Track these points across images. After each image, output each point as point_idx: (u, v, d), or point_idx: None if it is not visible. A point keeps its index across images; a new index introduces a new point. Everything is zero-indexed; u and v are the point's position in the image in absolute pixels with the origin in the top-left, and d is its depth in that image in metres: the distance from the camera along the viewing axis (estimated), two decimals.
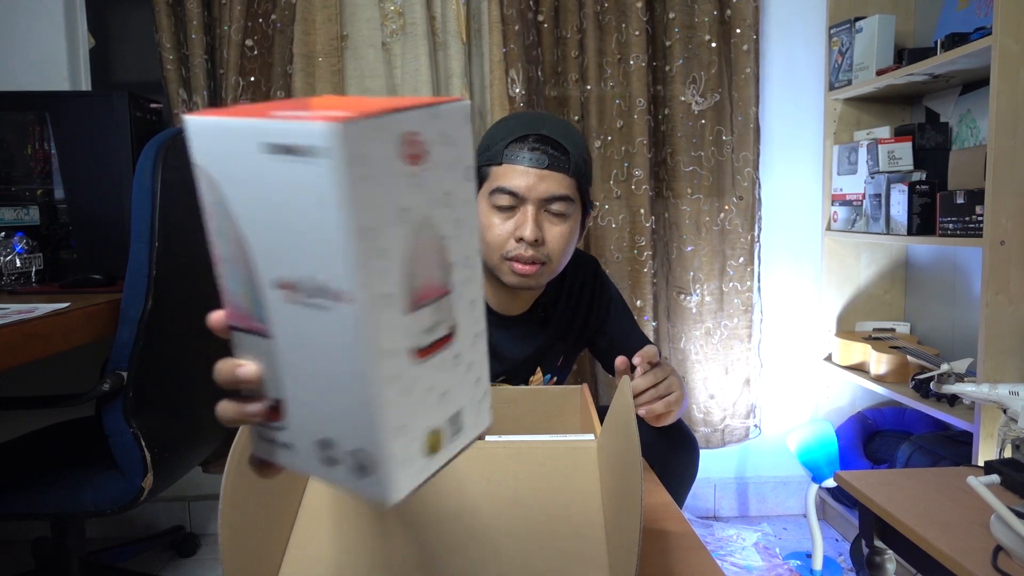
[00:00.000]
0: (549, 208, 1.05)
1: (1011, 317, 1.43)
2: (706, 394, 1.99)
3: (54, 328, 1.17)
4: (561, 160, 1.04)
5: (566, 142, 1.05)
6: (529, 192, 1.03)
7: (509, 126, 1.08)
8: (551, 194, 1.04)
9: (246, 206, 0.37)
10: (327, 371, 0.37)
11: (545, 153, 1.03)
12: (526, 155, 1.03)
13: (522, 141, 1.04)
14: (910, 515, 1.02)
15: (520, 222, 1.04)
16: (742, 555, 1.77)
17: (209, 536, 2.01)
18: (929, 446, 1.63)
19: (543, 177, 1.03)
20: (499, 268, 1.08)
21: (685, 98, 1.91)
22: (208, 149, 0.38)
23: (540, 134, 1.04)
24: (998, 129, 1.40)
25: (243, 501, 0.62)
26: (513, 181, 1.03)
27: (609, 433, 0.74)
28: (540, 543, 0.67)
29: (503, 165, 1.04)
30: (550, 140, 1.04)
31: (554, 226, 1.06)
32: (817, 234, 2.06)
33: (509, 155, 1.04)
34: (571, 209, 1.07)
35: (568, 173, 1.05)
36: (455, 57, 1.85)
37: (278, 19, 1.82)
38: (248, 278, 0.39)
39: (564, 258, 1.09)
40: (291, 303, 0.37)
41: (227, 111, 0.37)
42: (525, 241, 1.04)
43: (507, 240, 1.06)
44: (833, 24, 1.94)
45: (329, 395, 0.38)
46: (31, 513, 1.30)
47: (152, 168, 1.24)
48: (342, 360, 0.36)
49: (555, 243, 1.06)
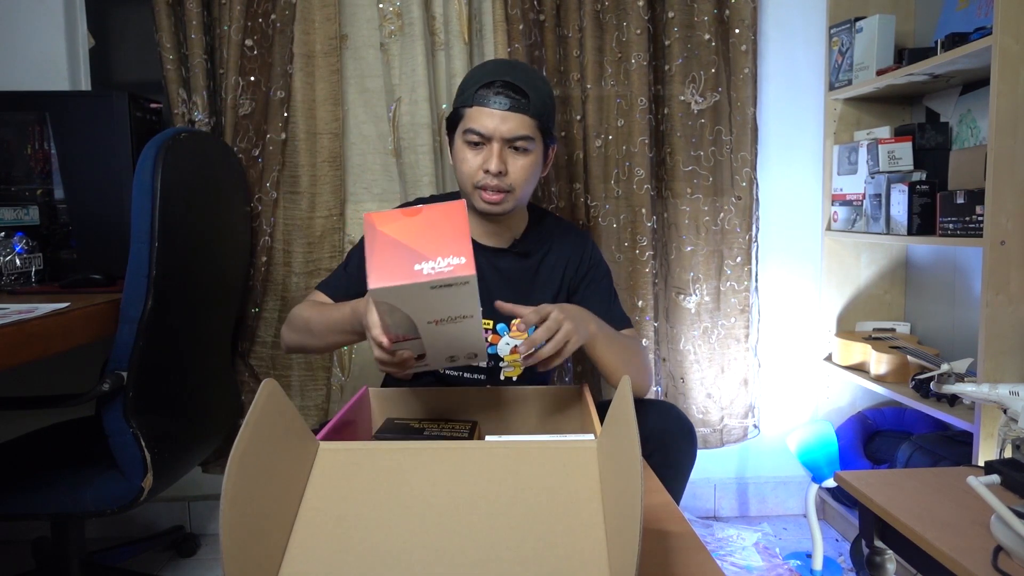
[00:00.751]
0: (513, 144, 1.23)
1: (1011, 317, 1.43)
2: (704, 394, 1.99)
3: (54, 328, 1.17)
4: (523, 103, 1.21)
5: (528, 87, 1.22)
6: (494, 132, 1.21)
7: (482, 72, 1.25)
8: (514, 134, 1.21)
9: (417, 307, 0.86)
10: (455, 338, 0.95)
11: (508, 97, 1.20)
12: (492, 99, 1.20)
13: (489, 87, 1.21)
14: (910, 515, 1.02)
15: (487, 157, 1.22)
16: (742, 555, 1.77)
17: (209, 536, 2.01)
18: (929, 446, 1.63)
19: (506, 119, 1.21)
20: (472, 196, 1.26)
21: (684, 97, 1.91)
22: (392, 296, 0.83)
23: (505, 80, 1.21)
24: (998, 129, 1.40)
25: (244, 501, 0.62)
26: (481, 122, 1.21)
27: (609, 433, 0.74)
28: (540, 543, 0.67)
29: (474, 107, 1.22)
30: (513, 86, 1.21)
31: (517, 160, 1.24)
32: (817, 234, 2.06)
33: (478, 99, 1.21)
34: (532, 145, 1.24)
35: (529, 114, 1.22)
36: (458, 57, 1.85)
37: (278, 19, 1.81)
38: (412, 324, 0.90)
39: (527, 186, 1.27)
40: (435, 324, 0.90)
41: (390, 273, 0.82)
42: (491, 173, 1.21)
43: (477, 172, 1.23)
44: (833, 24, 1.94)
45: (455, 344, 0.97)
46: (31, 513, 1.30)
47: (152, 168, 1.24)
48: (466, 334, 0.94)
49: (517, 174, 1.24)
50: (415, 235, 0.84)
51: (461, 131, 1.24)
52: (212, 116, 1.81)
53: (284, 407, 0.73)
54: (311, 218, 1.90)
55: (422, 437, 1.04)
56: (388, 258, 0.82)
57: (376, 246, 0.83)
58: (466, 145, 1.24)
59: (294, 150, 1.88)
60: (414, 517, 0.70)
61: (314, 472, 0.75)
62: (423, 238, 0.83)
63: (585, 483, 0.72)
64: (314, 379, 1.93)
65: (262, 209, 1.84)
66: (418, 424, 1.10)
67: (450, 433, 1.06)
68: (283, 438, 0.71)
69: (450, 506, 0.71)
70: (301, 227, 1.89)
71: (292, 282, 1.90)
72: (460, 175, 1.27)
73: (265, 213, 1.84)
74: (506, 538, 0.68)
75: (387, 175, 1.96)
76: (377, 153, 1.95)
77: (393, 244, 0.83)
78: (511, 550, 0.67)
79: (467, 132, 1.23)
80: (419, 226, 0.84)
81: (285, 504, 0.69)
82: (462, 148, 1.25)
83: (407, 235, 0.84)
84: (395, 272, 0.81)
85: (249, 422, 0.65)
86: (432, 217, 0.85)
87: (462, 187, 1.29)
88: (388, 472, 0.74)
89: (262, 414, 0.68)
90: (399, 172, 1.92)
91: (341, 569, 0.66)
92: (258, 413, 0.67)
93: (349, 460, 0.76)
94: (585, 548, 0.66)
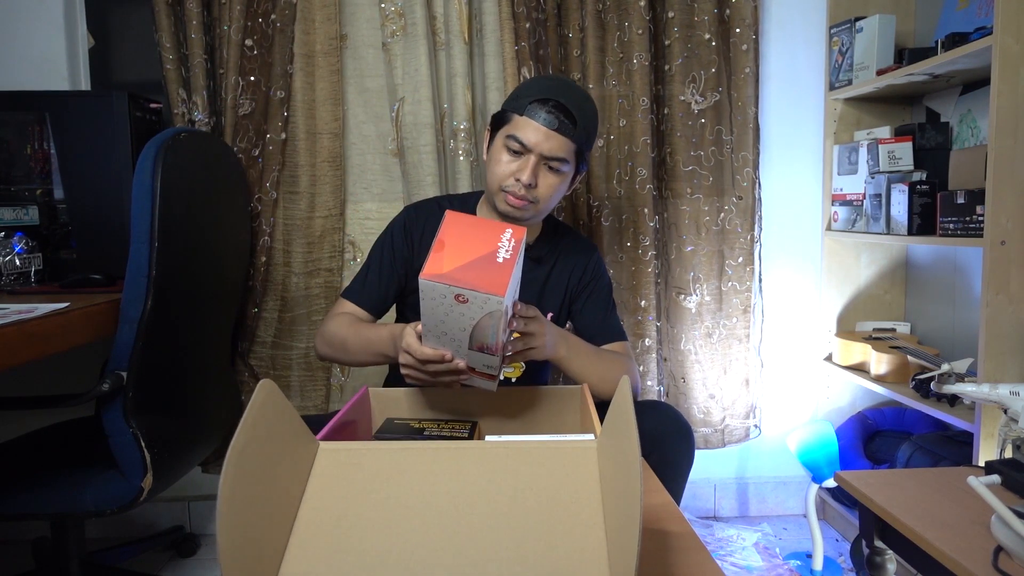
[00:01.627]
0: (548, 163, 1.25)
1: (1011, 317, 1.43)
2: (706, 394, 1.99)
3: (54, 328, 1.17)
4: (569, 127, 1.23)
5: (578, 113, 1.24)
6: (535, 146, 1.23)
7: (538, 86, 1.27)
8: (553, 154, 1.24)
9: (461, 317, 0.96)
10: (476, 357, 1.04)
11: (557, 119, 1.22)
12: (542, 115, 1.22)
13: (543, 103, 1.23)
14: (910, 515, 1.02)
15: (522, 167, 1.24)
16: (742, 555, 1.77)
17: (209, 536, 2.01)
18: (929, 446, 1.63)
19: (550, 137, 1.23)
20: (496, 196, 1.28)
21: (684, 97, 1.91)
22: (433, 292, 0.92)
23: (558, 101, 1.23)
24: (998, 129, 1.40)
25: (241, 501, 0.62)
26: (525, 134, 1.23)
27: (609, 433, 0.74)
28: (540, 543, 0.67)
29: (523, 117, 1.24)
30: (565, 108, 1.23)
31: (548, 177, 1.26)
32: (817, 234, 2.06)
33: (530, 111, 1.23)
34: (566, 167, 1.27)
35: (571, 139, 1.24)
36: (458, 57, 1.85)
37: (278, 19, 1.81)
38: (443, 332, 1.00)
39: (550, 203, 1.30)
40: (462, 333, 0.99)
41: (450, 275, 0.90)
42: (521, 183, 1.24)
43: (508, 176, 1.25)
44: (833, 24, 1.94)
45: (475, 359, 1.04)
46: (31, 513, 1.30)
47: (152, 168, 1.24)
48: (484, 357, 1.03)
49: (545, 190, 1.26)
50: (473, 248, 0.93)
51: (504, 134, 1.26)
52: (212, 116, 1.81)
53: (282, 407, 0.73)
54: (310, 218, 1.90)
55: (422, 437, 1.04)
56: (446, 258, 0.91)
57: (447, 242, 0.93)
58: (505, 148, 1.26)
59: (294, 150, 1.88)
60: (414, 517, 0.70)
61: (314, 472, 0.75)
62: (481, 252, 0.93)
63: (585, 483, 0.72)
64: (313, 379, 1.93)
65: (262, 209, 1.84)
66: (418, 424, 1.10)
67: (450, 433, 1.06)
68: (281, 438, 0.71)
69: (450, 506, 0.71)
70: (301, 227, 1.89)
71: (292, 282, 1.90)
72: (491, 173, 1.28)
73: (265, 213, 1.84)
74: (506, 538, 0.68)
75: (387, 175, 1.96)
76: (377, 153, 1.95)
77: (456, 240, 0.93)
78: (511, 550, 0.67)
79: (509, 138, 1.24)
80: (479, 240, 0.94)
81: (285, 504, 0.69)
82: (500, 149, 1.26)
83: (469, 246, 0.93)
84: (446, 272, 0.90)
85: (245, 423, 0.65)
86: (489, 234, 0.95)
87: (489, 184, 1.30)
88: (388, 472, 0.74)
89: (259, 415, 0.68)
90: (402, 172, 1.92)
91: (341, 569, 0.66)
92: (255, 414, 0.67)
93: (349, 460, 0.76)
94: (585, 548, 0.66)
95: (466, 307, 0.91)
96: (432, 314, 0.96)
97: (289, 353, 1.92)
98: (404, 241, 1.38)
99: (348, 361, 1.32)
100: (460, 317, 0.94)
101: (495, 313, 0.92)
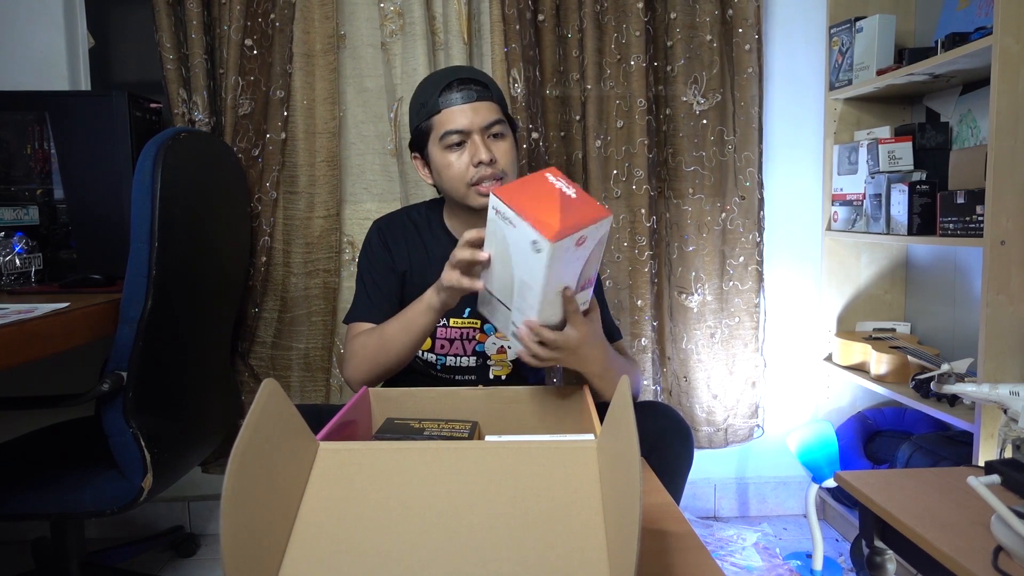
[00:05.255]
0: (491, 132, 1.25)
1: (1011, 317, 1.43)
2: (709, 394, 1.99)
3: (54, 328, 1.17)
4: (485, 92, 1.25)
5: (481, 77, 1.26)
6: (471, 124, 1.23)
7: (432, 82, 1.27)
8: (488, 121, 1.24)
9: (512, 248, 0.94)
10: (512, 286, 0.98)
11: (471, 90, 1.23)
12: (457, 96, 1.22)
13: (449, 88, 1.23)
14: (910, 515, 1.02)
15: (473, 151, 1.23)
16: (742, 555, 1.77)
17: (209, 536, 2.01)
18: (929, 446, 1.63)
19: (477, 109, 1.23)
20: (467, 196, 1.26)
21: (687, 98, 1.91)
22: (501, 223, 0.93)
23: (460, 78, 1.24)
24: (998, 129, 1.40)
25: (244, 501, 0.62)
26: (455, 121, 1.23)
27: (609, 433, 0.74)
28: (540, 543, 0.67)
29: (442, 112, 1.23)
30: (470, 80, 1.24)
31: (499, 145, 1.26)
32: (817, 234, 2.06)
33: (443, 102, 1.23)
34: (506, 129, 1.27)
35: (493, 100, 1.26)
36: (457, 57, 1.85)
37: (277, 18, 1.82)
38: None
39: (515, 169, 1.29)
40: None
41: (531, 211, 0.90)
42: (483, 163, 1.22)
43: (467, 169, 1.24)
44: (833, 24, 1.94)
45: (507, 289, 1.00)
46: (31, 513, 1.30)
47: (152, 168, 1.24)
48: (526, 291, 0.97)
49: (504, 158, 1.25)
50: (556, 196, 0.92)
51: (436, 139, 1.25)
52: (212, 116, 1.81)
53: (284, 407, 0.73)
54: (309, 218, 1.90)
55: (422, 437, 1.04)
56: (522, 190, 0.92)
57: (527, 181, 0.94)
58: (446, 150, 1.24)
59: (293, 150, 1.88)
60: (414, 517, 0.70)
61: (314, 472, 0.75)
62: (557, 202, 0.91)
63: (585, 483, 0.72)
64: (313, 379, 1.93)
65: (262, 209, 1.84)
66: (418, 424, 1.10)
67: (450, 433, 1.06)
68: (283, 438, 0.71)
69: (450, 506, 0.71)
70: (300, 227, 1.89)
71: (291, 282, 1.90)
72: (450, 181, 1.26)
73: (265, 213, 1.84)
74: (506, 538, 0.68)
75: (386, 175, 1.96)
76: (376, 153, 1.95)
77: (532, 186, 0.93)
78: (511, 550, 0.67)
79: (445, 136, 1.23)
80: (564, 197, 0.92)
81: (285, 504, 0.69)
82: (443, 155, 1.25)
83: (551, 192, 0.93)
84: (513, 198, 0.91)
85: (249, 422, 0.65)
86: (579, 202, 0.92)
87: (454, 192, 1.28)
88: (388, 472, 0.74)
89: (262, 414, 0.68)
90: (400, 172, 1.92)
91: (341, 569, 0.66)
92: (258, 413, 0.67)
93: (349, 460, 0.76)
94: (585, 548, 0.66)
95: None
96: None
97: (289, 353, 1.92)
98: (384, 251, 1.36)
99: (389, 362, 1.25)
100: None
101: (603, 239, 0.94)
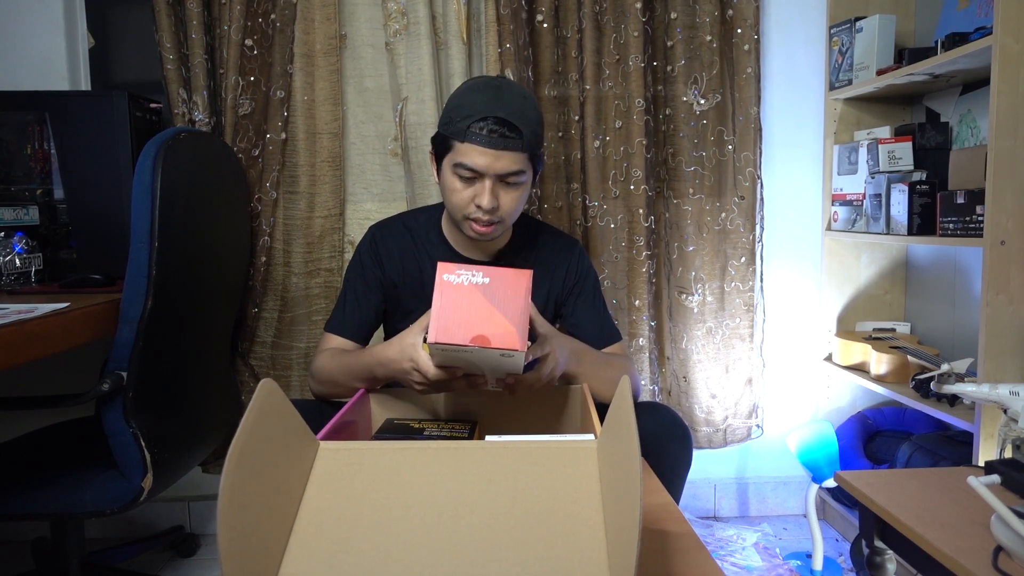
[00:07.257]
0: (505, 180, 1.19)
1: (1011, 317, 1.43)
2: (708, 394, 1.99)
3: (54, 328, 1.17)
4: (515, 141, 1.16)
5: (520, 122, 1.16)
6: (487, 169, 1.17)
7: (471, 104, 1.18)
8: (506, 171, 1.18)
9: (466, 359, 1.00)
10: None
11: (502, 136, 1.15)
12: (484, 137, 1.15)
13: (482, 122, 1.15)
14: (910, 515, 1.02)
15: (479, 192, 1.19)
16: (742, 555, 1.77)
17: (209, 536, 2.01)
18: (929, 446, 1.62)
19: (499, 157, 1.16)
20: (461, 224, 1.24)
21: (687, 98, 1.91)
22: (448, 351, 0.98)
23: (497, 116, 1.15)
24: (998, 129, 1.40)
25: (241, 501, 0.62)
26: (473, 159, 1.16)
27: (609, 433, 0.74)
28: (540, 543, 0.67)
29: (465, 143, 1.16)
30: (505, 122, 1.15)
31: (509, 193, 1.21)
32: (817, 234, 2.06)
33: (470, 135, 1.16)
34: (524, 177, 1.21)
35: (521, 150, 1.18)
36: (456, 57, 1.85)
37: (278, 19, 1.81)
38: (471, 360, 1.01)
39: (515, 215, 1.26)
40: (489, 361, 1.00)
41: (451, 332, 0.95)
42: (483, 209, 1.19)
43: (468, 204, 1.20)
44: (833, 24, 1.94)
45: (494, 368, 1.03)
46: (31, 513, 1.30)
47: (152, 168, 1.24)
48: None
49: (508, 206, 1.21)
50: (479, 297, 0.96)
51: (451, 163, 1.19)
52: (212, 116, 1.81)
53: (283, 407, 0.73)
54: (310, 218, 1.90)
55: (422, 437, 1.04)
56: (452, 315, 0.95)
57: (443, 299, 0.96)
58: (456, 177, 1.19)
59: (294, 150, 1.88)
60: (414, 517, 0.70)
61: (314, 472, 0.75)
62: (486, 302, 0.96)
63: (585, 483, 0.72)
64: None
65: (262, 209, 1.84)
66: (418, 424, 1.10)
67: (450, 433, 1.06)
68: (282, 438, 0.71)
69: (450, 506, 0.71)
70: (300, 227, 1.89)
71: (292, 282, 1.90)
72: (449, 203, 1.23)
73: (265, 213, 1.84)
74: (506, 538, 0.68)
75: (387, 175, 1.96)
76: (377, 153, 1.95)
77: (454, 304, 0.96)
78: (511, 550, 0.67)
79: (457, 166, 1.18)
80: (485, 290, 0.97)
81: (285, 504, 0.69)
82: (452, 178, 1.20)
83: (472, 296, 0.96)
84: (455, 331, 0.94)
85: (246, 423, 0.65)
86: (497, 284, 0.97)
87: (451, 213, 1.25)
88: (388, 472, 0.74)
89: (259, 414, 0.68)
90: (406, 172, 1.92)
91: (341, 569, 0.66)
92: (255, 413, 0.67)
93: (349, 460, 0.76)
94: (585, 548, 0.66)
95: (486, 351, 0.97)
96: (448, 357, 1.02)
97: (289, 353, 1.92)
98: (374, 262, 1.35)
99: (344, 394, 1.28)
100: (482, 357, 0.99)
101: (517, 357, 0.97)
